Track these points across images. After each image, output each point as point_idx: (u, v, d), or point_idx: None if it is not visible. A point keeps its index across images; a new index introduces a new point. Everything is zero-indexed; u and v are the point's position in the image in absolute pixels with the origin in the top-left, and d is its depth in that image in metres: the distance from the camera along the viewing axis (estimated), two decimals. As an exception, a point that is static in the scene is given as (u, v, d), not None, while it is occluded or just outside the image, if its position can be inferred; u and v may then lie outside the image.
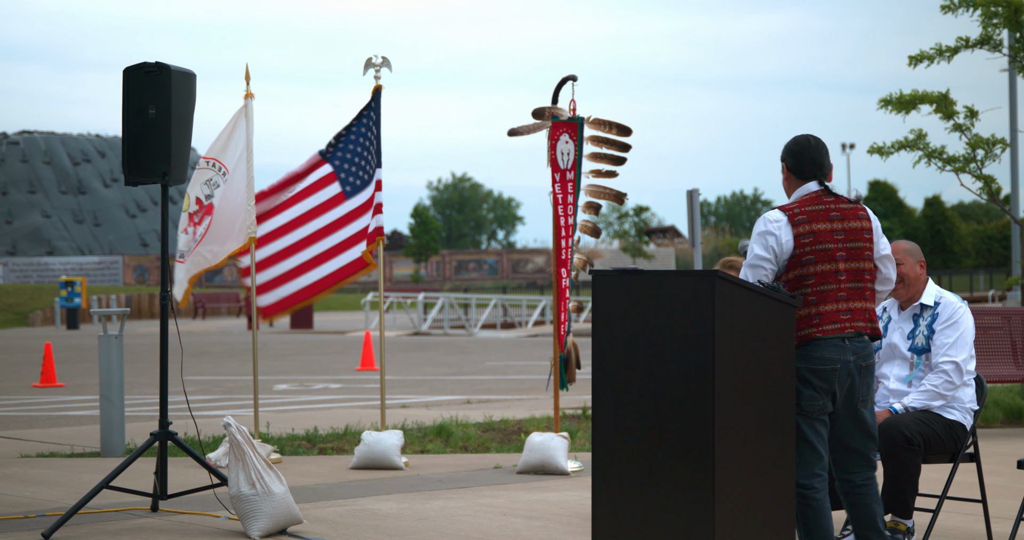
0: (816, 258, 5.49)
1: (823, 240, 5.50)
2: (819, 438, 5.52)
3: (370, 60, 9.87)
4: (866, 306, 5.56)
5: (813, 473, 5.51)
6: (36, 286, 55.93)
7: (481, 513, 7.64)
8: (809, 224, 5.49)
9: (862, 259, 5.54)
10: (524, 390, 16.93)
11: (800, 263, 5.50)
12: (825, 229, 5.50)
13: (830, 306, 5.49)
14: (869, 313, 5.57)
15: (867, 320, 5.56)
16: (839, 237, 5.51)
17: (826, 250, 5.49)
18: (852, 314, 5.52)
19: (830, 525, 5.58)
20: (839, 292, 5.50)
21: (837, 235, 5.51)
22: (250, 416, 12.57)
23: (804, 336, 5.47)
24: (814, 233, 5.49)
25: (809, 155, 5.61)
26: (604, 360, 5.46)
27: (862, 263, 5.54)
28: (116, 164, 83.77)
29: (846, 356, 5.48)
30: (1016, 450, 10.19)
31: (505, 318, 41.16)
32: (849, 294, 5.52)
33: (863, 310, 5.55)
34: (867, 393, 5.59)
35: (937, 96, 12.70)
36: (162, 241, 7.60)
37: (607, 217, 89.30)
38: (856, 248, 5.53)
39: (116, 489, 7.42)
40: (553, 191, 9.07)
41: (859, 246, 5.54)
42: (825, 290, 5.50)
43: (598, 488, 5.46)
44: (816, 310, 5.48)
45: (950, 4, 13.03)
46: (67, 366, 21.71)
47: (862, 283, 5.56)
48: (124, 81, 7.53)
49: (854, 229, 5.54)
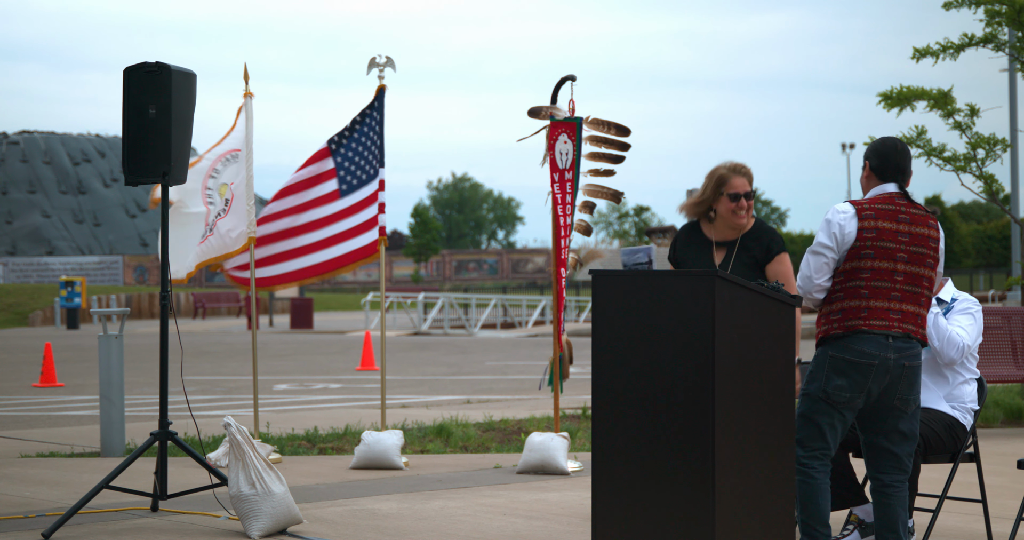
0: (875, 254, 5.55)
1: (885, 238, 5.57)
2: (831, 429, 5.60)
3: (374, 60, 9.86)
4: (919, 311, 5.62)
5: (814, 455, 5.61)
6: (36, 286, 55.94)
7: (481, 513, 7.64)
8: (875, 221, 5.57)
9: (923, 265, 5.60)
10: (524, 390, 16.94)
11: (859, 256, 5.57)
12: (890, 228, 5.57)
13: (881, 303, 5.55)
14: (921, 319, 5.63)
15: (918, 325, 5.61)
16: (903, 239, 5.58)
17: (887, 248, 5.56)
18: (903, 315, 5.57)
19: (825, 507, 5.62)
20: (893, 291, 5.57)
21: (902, 236, 5.58)
22: (250, 416, 12.57)
23: (849, 327, 5.55)
24: (878, 230, 5.56)
25: (895, 158, 5.71)
26: (604, 360, 5.46)
27: (923, 269, 5.60)
28: (116, 164, 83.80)
29: (887, 353, 5.53)
30: (1016, 450, 10.19)
31: (505, 318, 41.17)
32: (904, 296, 5.58)
33: (915, 314, 5.61)
34: (908, 393, 5.60)
35: (936, 93, 12.70)
36: (162, 241, 7.60)
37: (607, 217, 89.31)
38: (919, 254, 5.60)
39: (116, 489, 7.42)
40: (552, 191, 9.07)
41: (922, 252, 5.60)
42: (879, 286, 5.56)
43: (598, 488, 5.46)
44: (866, 304, 5.55)
45: (952, 0, 13.03)
46: (67, 366, 21.71)
47: (919, 288, 5.61)
48: (124, 81, 7.53)
49: (920, 235, 5.61)
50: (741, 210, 6.66)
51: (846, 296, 5.58)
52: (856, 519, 6.65)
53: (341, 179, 10.00)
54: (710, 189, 6.70)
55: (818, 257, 5.62)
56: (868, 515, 6.64)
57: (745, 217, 6.69)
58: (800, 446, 5.62)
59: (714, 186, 6.70)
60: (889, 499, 5.68)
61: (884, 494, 5.69)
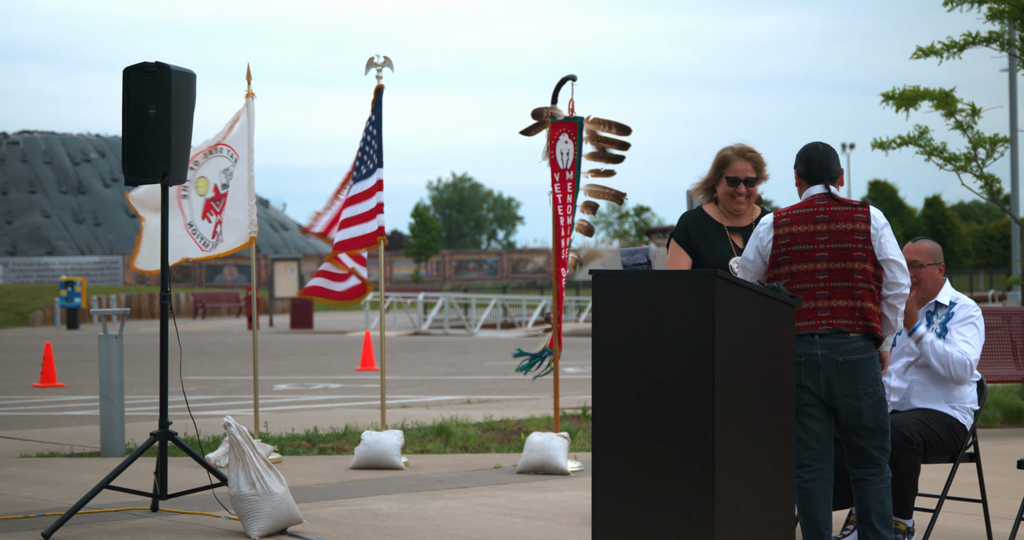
0: (792, 258, 5.70)
1: (800, 241, 5.70)
2: (802, 429, 5.70)
3: (372, 60, 9.88)
4: (856, 304, 5.66)
5: (801, 462, 5.70)
6: (36, 286, 55.94)
7: (481, 513, 7.64)
8: (790, 226, 5.72)
9: (850, 259, 5.66)
10: (524, 390, 16.94)
11: (777, 263, 5.75)
12: (805, 231, 5.70)
13: (807, 304, 5.67)
14: (861, 311, 5.66)
15: (855, 318, 5.65)
16: (821, 238, 5.68)
17: (803, 251, 5.69)
18: (833, 311, 5.65)
19: (820, 516, 5.68)
20: (818, 290, 5.67)
21: (819, 236, 5.68)
22: (250, 416, 12.57)
23: None
24: (792, 235, 5.71)
25: (817, 159, 5.84)
26: (604, 360, 5.46)
27: (851, 263, 5.66)
28: (116, 164, 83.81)
29: (813, 350, 5.64)
30: (1016, 450, 10.19)
31: (505, 318, 41.17)
32: (832, 292, 5.66)
33: (850, 308, 5.66)
34: (853, 388, 5.65)
35: (939, 93, 12.70)
36: (162, 241, 7.60)
37: (607, 217, 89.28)
38: (842, 249, 5.66)
39: (116, 489, 7.42)
40: (552, 191, 9.07)
41: (846, 247, 5.66)
42: (801, 288, 5.69)
43: (598, 488, 5.46)
44: None
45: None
46: (67, 366, 21.71)
47: (851, 282, 5.67)
48: (124, 81, 7.53)
49: (842, 231, 5.67)
50: (739, 196, 6.48)
51: None
52: (856, 519, 6.64)
53: (356, 169, 10.04)
54: (712, 170, 6.56)
55: (744, 270, 5.86)
56: (868, 515, 6.63)
57: (744, 204, 6.50)
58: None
59: (716, 167, 6.54)
60: (861, 492, 5.77)
61: (857, 487, 5.79)
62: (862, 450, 5.74)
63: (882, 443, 5.75)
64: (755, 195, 6.57)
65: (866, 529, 5.75)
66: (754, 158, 6.51)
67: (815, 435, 5.71)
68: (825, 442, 5.72)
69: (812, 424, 5.71)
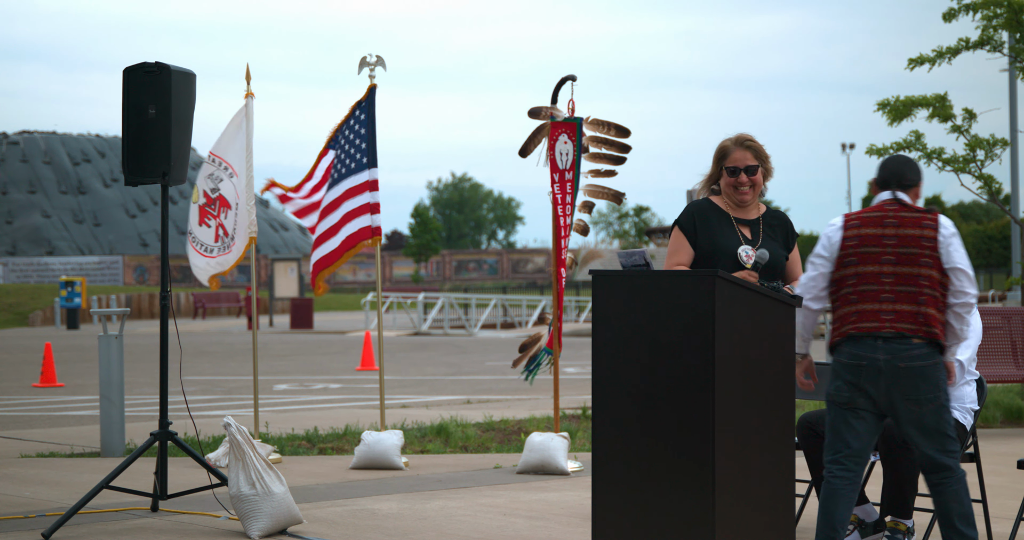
0: (859, 260, 5.72)
1: (868, 243, 5.72)
2: (847, 427, 5.69)
3: (364, 59, 9.89)
4: (919, 310, 5.66)
5: (834, 459, 5.70)
6: (36, 286, 55.93)
7: (481, 513, 7.64)
8: (858, 229, 5.75)
9: (916, 265, 5.68)
10: (524, 390, 16.94)
11: (843, 264, 5.75)
12: (873, 234, 5.72)
13: (871, 305, 5.67)
14: (924, 317, 5.66)
15: (919, 323, 5.65)
16: (889, 242, 5.71)
17: (870, 253, 5.71)
18: (897, 315, 5.66)
19: (841, 514, 5.68)
20: (883, 293, 5.68)
21: (887, 240, 5.71)
22: (250, 416, 12.57)
23: (843, 333, 5.69)
24: (860, 237, 5.73)
25: (891, 167, 5.90)
26: (604, 360, 5.46)
27: (917, 269, 5.68)
28: (116, 164, 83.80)
29: (875, 355, 5.62)
30: (1016, 450, 10.19)
31: (505, 318, 41.16)
32: (896, 296, 5.68)
33: (914, 313, 5.66)
34: (915, 393, 5.63)
35: (934, 98, 12.70)
36: (162, 241, 7.60)
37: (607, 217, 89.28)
38: (909, 254, 5.69)
39: (116, 489, 7.42)
40: (552, 191, 9.08)
41: (913, 252, 5.69)
42: (866, 290, 5.70)
43: (598, 488, 5.46)
44: (856, 308, 5.69)
45: (951, 11, 13.08)
46: (67, 366, 21.71)
47: (916, 287, 5.68)
48: (124, 81, 7.54)
49: (910, 236, 5.70)
50: (742, 186, 6.35)
51: (840, 304, 5.74)
52: (856, 519, 6.65)
53: (334, 170, 10.04)
54: (713, 163, 6.46)
55: (812, 266, 5.83)
56: (868, 515, 6.64)
57: (748, 194, 6.37)
58: (825, 451, 5.75)
59: (716, 160, 6.45)
60: (940, 496, 5.78)
61: (935, 492, 5.80)
62: (926, 456, 5.75)
63: (944, 445, 5.73)
64: (759, 184, 6.42)
65: (950, 531, 5.75)
66: (753, 146, 6.41)
67: (858, 436, 5.70)
68: (866, 445, 5.73)
69: (858, 425, 5.70)
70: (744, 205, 6.41)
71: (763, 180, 6.46)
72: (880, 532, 6.59)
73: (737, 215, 6.41)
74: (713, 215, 6.38)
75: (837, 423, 5.70)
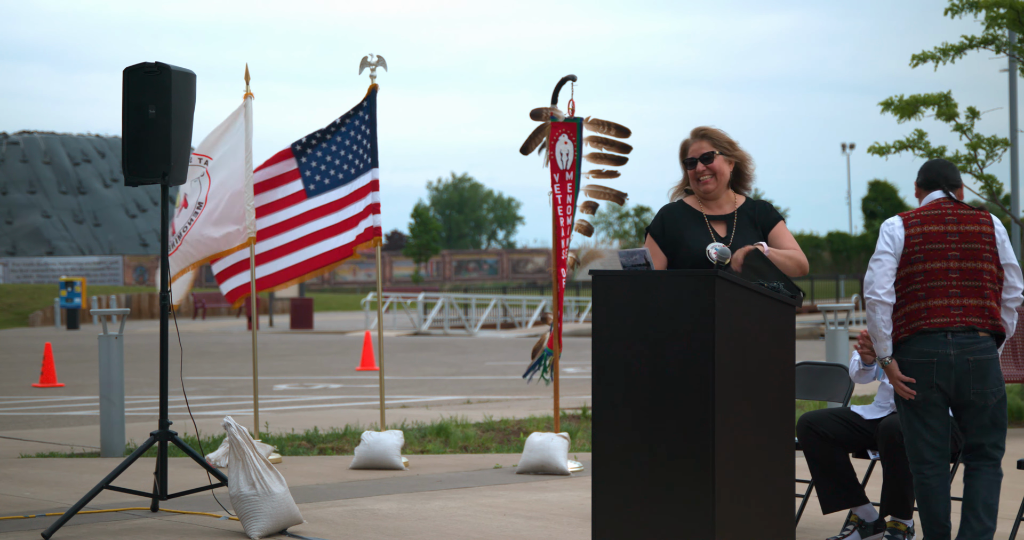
0: (925, 256, 5.80)
1: (933, 240, 5.81)
2: (926, 429, 5.81)
3: (365, 59, 9.89)
4: (984, 304, 5.80)
5: (922, 460, 5.83)
6: (36, 286, 55.94)
7: (481, 513, 7.64)
8: (921, 226, 5.84)
9: (979, 260, 5.80)
10: (524, 390, 16.94)
11: (910, 261, 5.82)
12: (937, 231, 5.82)
13: (940, 301, 5.78)
14: (989, 311, 5.81)
15: (985, 317, 5.79)
16: (952, 238, 5.81)
17: (936, 249, 5.80)
18: (965, 310, 5.77)
19: (942, 509, 5.85)
20: (951, 288, 5.78)
21: (951, 236, 5.81)
22: (250, 416, 12.57)
23: (912, 329, 5.78)
24: (924, 234, 5.82)
25: (936, 168, 6.03)
26: (604, 360, 5.46)
27: (980, 263, 5.79)
28: (116, 164, 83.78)
29: (946, 350, 5.73)
30: (1016, 450, 10.18)
31: (505, 318, 41.16)
32: (963, 291, 5.78)
33: (980, 307, 5.79)
34: (981, 387, 5.78)
35: (938, 97, 12.71)
36: (162, 241, 7.60)
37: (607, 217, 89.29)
38: (972, 249, 5.80)
39: (116, 489, 7.42)
40: (552, 191, 9.08)
41: (975, 247, 5.81)
42: (935, 286, 5.79)
43: (598, 488, 5.46)
44: (925, 304, 5.78)
45: (953, 7, 13.06)
46: (67, 366, 21.71)
47: (980, 282, 5.80)
48: (124, 81, 7.54)
49: (971, 232, 5.82)
50: (701, 176, 6.18)
51: (907, 301, 5.81)
52: (856, 519, 6.65)
53: (307, 179, 10.03)
54: (680, 164, 6.32)
55: (879, 263, 5.85)
56: (868, 515, 6.64)
57: (710, 183, 6.18)
58: (907, 452, 5.89)
59: (680, 158, 6.32)
60: (973, 480, 5.90)
61: (970, 475, 5.92)
62: (980, 446, 5.88)
63: (998, 439, 5.90)
64: (721, 172, 6.20)
65: (971, 515, 5.87)
66: (707, 134, 6.22)
67: (937, 433, 5.83)
68: (946, 439, 5.86)
69: (935, 423, 5.82)
70: (711, 197, 6.22)
71: (728, 167, 6.24)
72: (880, 532, 6.59)
73: (710, 212, 6.23)
74: (683, 216, 6.22)
75: (916, 426, 5.82)
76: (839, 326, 12.28)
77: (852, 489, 6.59)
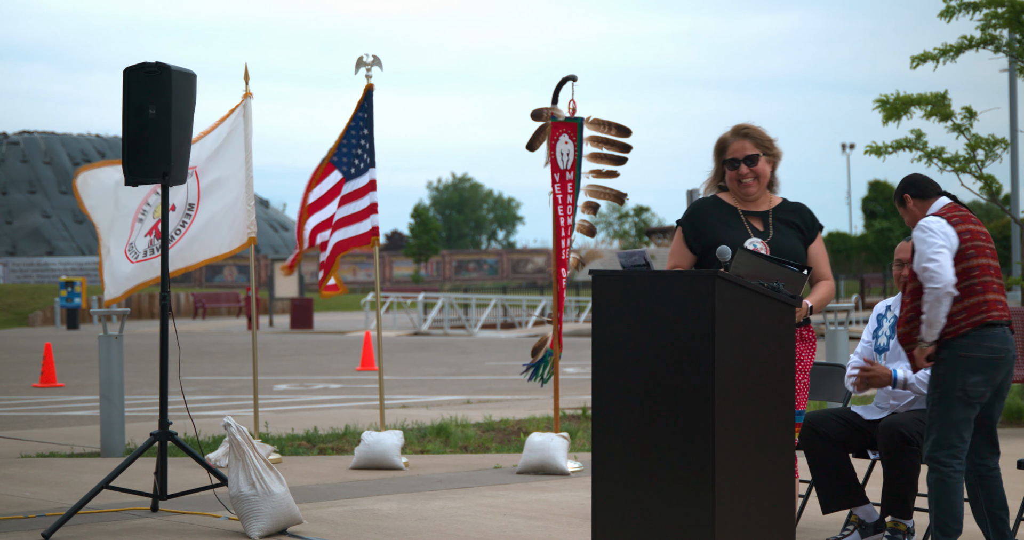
0: (976, 252, 5.90)
1: (978, 238, 5.93)
2: (966, 424, 5.87)
3: (361, 59, 9.89)
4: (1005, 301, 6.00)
5: (953, 454, 5.84)
6: (36, 286, 55.92)
7: (481, 513, 7.64)
8: (964, 224, 5.93)
9: (997, 258, 5.99)
10: (524, 390, 16.94)
11: (964, 257, 5.88)
12: (975, 229, 5.93)
13: (993, 296, 5.89)
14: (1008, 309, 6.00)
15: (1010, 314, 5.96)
16: (983, 237, 5.95)
17: (980, 246, 5.93)
18: (1003, 305, 5.92)
19: (960, 506, 5.85)
20: (995, 284, 5.93)
21: (983, 235, 5.95)
22: (250, 416, 12.58)
23: (975, 322, 5.83)
24: (970, 232, 5.92)
25: (925, 181, 6.12)
26: (604, 360, 5.46)
27: (997, 262, 5.98)
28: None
29: (1008, 347, 5.85)
30: (1016, 450, 10.19)
31: (505, 318, 41.15)
32: (998, 288, 5.94)
33: (1006, 304, 5.97)
34: (1009, 381, 5.94)
35: (932, 97, 12.69)
36: (162, 241, 7.60)
37: (607, 217, 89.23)
38: (993, 248, 5.97)
39: (116, 489, 7.43)
40: (553, 191, 9.08)
41: (993, 247, 5.98)
42: (988, 281, 5.90)
43: (598, 488, 5.46)
44: (983, 299, 5.86)
45: (948, 9, 13.07)
46: (67, 366, 21.71)
47: (1001, 279, 5.99)
48: (124, 81, 7.54)
49: (987, 233, 5.98)
50: (744, 179, 5.98)
51: (964, 296, 5.84)
52: (856, 519, 6.65)
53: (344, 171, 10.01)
54: (715, 160, 6.09)
55: (943, 256, 5.80)
56: (868, 515, 6.64)
57: (752, 186, 6.00)
58: (937, 447, 5.84)
59: (716, 155, 6.08)
60: (995, 481, 5.98)
61: (993, 477, 5.99)
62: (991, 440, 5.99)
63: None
64: (764, 175, 6.02)
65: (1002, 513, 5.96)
66: (751, 134, 6.02)
67: (971, 429, 5.90)
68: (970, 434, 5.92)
69: (973, 418, 5.89)
70: (751, 198, 6.05)
71: (770, 169, 6.08)
72: (880, 532, 6.59)
73: (746, 208, 6.06)
74: (717, 211, 6.04)
75: (959, 420, 5.83)
76: (839, 326, 12.28)
77: (852, 489, 6.59)
